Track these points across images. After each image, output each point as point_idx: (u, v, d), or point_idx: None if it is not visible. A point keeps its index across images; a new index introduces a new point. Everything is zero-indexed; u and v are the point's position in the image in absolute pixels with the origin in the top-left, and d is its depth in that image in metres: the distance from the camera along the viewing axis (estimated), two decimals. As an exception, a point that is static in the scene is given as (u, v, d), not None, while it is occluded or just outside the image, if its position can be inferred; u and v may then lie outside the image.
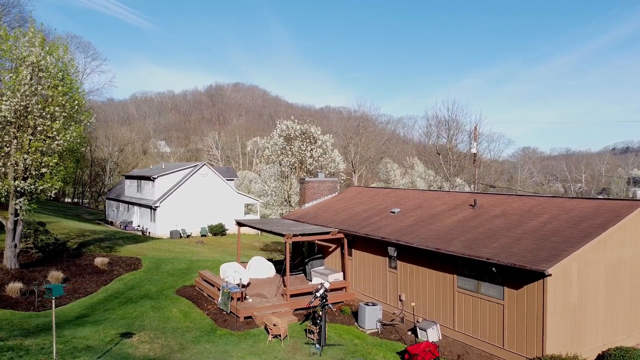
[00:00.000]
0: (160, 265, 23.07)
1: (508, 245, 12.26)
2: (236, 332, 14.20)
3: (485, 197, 16.48)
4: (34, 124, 16.72)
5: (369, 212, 18.54)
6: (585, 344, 11.97)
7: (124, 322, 14.91)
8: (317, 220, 19.36)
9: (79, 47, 74.11)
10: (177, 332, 14.30)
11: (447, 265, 13.52)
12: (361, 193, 22.14)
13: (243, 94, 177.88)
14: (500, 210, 14.89)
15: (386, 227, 16.24)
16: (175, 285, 19.91)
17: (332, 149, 29.30)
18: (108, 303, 16.89)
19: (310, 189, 22.32)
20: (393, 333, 14.33)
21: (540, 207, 14.29)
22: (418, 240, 14.18)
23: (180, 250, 28.98)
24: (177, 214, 40.62)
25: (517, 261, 11.18)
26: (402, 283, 15.23)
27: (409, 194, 19.85)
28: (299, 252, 21.48)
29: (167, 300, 17.60)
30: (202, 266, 23.14)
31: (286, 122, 28.38)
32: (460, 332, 13.16)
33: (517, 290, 11.64)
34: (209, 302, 17.32)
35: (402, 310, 15.18)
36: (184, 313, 16.16)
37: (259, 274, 19.64)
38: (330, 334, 14.00)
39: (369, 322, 14.48)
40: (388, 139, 66.80)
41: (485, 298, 12.43)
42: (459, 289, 13.17)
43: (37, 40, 17.46)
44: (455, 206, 16.38)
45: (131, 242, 28.58)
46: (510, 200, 15.53)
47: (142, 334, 13.86)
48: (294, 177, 28.36)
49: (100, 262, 20.93)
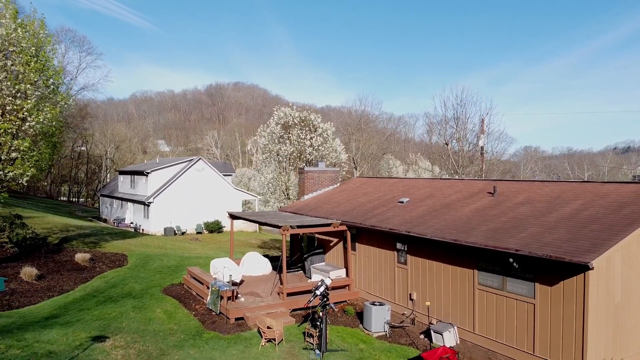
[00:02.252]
0: (148, 262, 21.37)
1: (539, 234, 10.54)
2: (225, 336, 12.50)
3: (505, 184, 14.77)
4: (2, 103, 15.02)
5: (374, 203, 16.83)
6: (629, 347, 10.29)
7: (99, 324, 13.21)
8: (317, 213, 17.66)
9: (73, 41, 72.66)
10: (158, 335, 12.60)
11: (466, 258, 11.82)
12: (365, 184, 20.43)
13: (243, 93, 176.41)
14: (524, 197, 13.18)
15: (394, 217, 14.54)
16: (162, 283, 18.22)
17: (333, 137, 27.58)
18: (84, 302, 15.19)
19: (309, 179, 20.62)
20: (403, 336, 12.62)
21: (570, 193, 12.58)
22: (432, 231, 12.47)
23: (172, 246, 27.28)
24: (171, 210, 38.91)
25: (553, 252, 9.47)
26: (413, 280, 13.52)
27: (418, 183, 18.14)
28: (298, 248, 19.78)
29: (152, 300, 15.91)
30: (193, 263, 21.46)
31: (284, 109, 26.61)
32: (482, 336, 11.45)
33: (552, 286, 9.92)
34: (198, 301, 15.63)
35: (412, 311, 13.47)
36: (168, 314, 14.46)
37: (254, 270, 17.95)
38: (331, 338, 12.30)
39: (375, 324, 12.77)
40: (391, 134, 65.10)
41: (512, 296, 10.72)
42: (480, 285, 11.46)
43: (9, 12, 15.79)
44: (472, 194, 14.67)
45: (119, 238, 26.83)
46: (535, 187, 13.81)
47: (117, 337, 12.16)
48: (292, 168, 26.61)
49: (81, 258, 19.23)
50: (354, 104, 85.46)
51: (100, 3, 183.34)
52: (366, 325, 13.01)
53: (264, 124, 27.56)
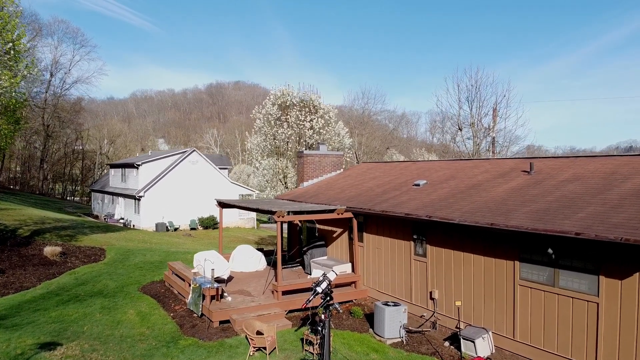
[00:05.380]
0: (129, 257, 19.07)
1: (602, 214, 8.23)
2: (206, 343, 10.21)
3: (541, 161, 12.44)
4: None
5: (384, 187, 14.53)
6: None
7: (54, 328, 10.93)
8: (318, 200, 15.35)
9: (67, 32, 70.52)
10: (124, 342, 10.30)
11: (503, 247, 9.51)
12: (372, 169, 18.12)
13: (244, 92, 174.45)
14: (570, 174, 10.86)
15: (410, 201, 12.22)
16: (142, 280, 15.94)
17: (336, 120, 25.19)
18: (43, 302, 12.91)
19: (309, 164, 18.31)
20: (423, 344, 10.31)
21: (628, 168, 10.26)
22: (459, 214, 10.15)
23: (158, 241, 24.96)
24: (163, 205, 36.62)
25: (630, 235, 7.15)
26: (434, 275, 11.22)
27: (434, 165, 15.82)
28: (296, 240, 17.48)
29: (126, 299, 13.62)
30: (180, 259, 19.15)
31: (281, 88, 24.17)
32: (525, 344, 9.14)
33: (623, 280, 7.62)
34: (179, 301, 13.35)
35: (433, 312, 11.15)
36: (142, 315, 12.17)
37: (246, 266, 15.66)
38: (336, 346, 10.00)
39: (389, 329, 10.47)
40: (394, 128, 62.78)
41: (566, 293, 8.41)
42: (523, 281, 9.15)
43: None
44: (502, 174, 12.35)
45: (100, 232, 24.48)
46: (580, 163, 11.49)
47: (72, 344, 9.87)
48: (291, 153, 24.16)
49: (50, 252, 16.94)
50: (356, 97, 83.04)
51: (101, 4, 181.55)
52: (378, 329, 10.71)
53: (258, 105, 25.19)
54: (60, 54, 65.68)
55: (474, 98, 27.28)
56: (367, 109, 58.45)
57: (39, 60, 58.81)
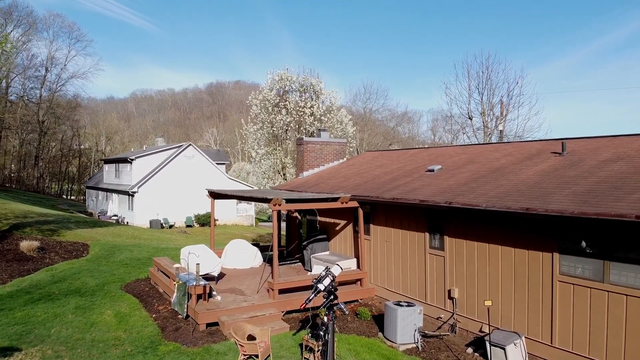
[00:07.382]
0: (114, 252, 17.63)
1: (665, 195, 6.78)
2: (189, 349, 8.77)
3: (574, 141, 10.98)
4: None
5: (393, 174, 13.09)
6: None
7: (17, 330, 9.50)
8: (319, 189, 13.92)
9: (62, 27, 69.25)
10: (95, 347, 8.87)
11: (538, 237, 8.06)
12: (378, 157, 16.68)
13: (244, 91, 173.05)
14: (611, 153, 9.41)
15: (424, 187, 10.78)
16: (126, 278, 14.53)
17: (338, 107, 23.73)
18: (10, 300, 11.48)
19: (310, 152, 16.87)
20: (442, 350, 8.86)
21: (682, 146, 8.82)
22: (486, 199, 8.70)
23: (148, 237, 23.51)
24: (158, 201, 35.18)
25: None
26: (454, 271, 9.77)
27: (448, 150, 14.37)
28: (296, 235, 16.05)
29: (105, 299, 12.19)
30: (169, 255, 17.72)
31: (279, 72, 22.65)
32: (566, 351, 7.68)
33: (697, 275, 6.17)
34: (163, 300, 11.93)
35: (453, 314, 9.71)
36: (120, 317, 10.73)
37: (240, 262, 14.25)
38: (340, 353, 8.56)
39: (402, 333, 9.03)
40: (397, 124, 61.34)
41: (618, 290, 6.96)
42: (564, 276, 7.70)
43: None
44: (529, 156, 10.91)
45: (86, 227, 23.02)
46: (620, 141, 10.04)
47: (34, 349, 8.47)
48: (290, 142, 22.65)
49: (27, 247, 15.51)
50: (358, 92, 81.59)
51: (101, 4, 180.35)
52: (389, 334, 9.27)
53: (255, 91, 23.68)
54: (56, 49, 64.40)
55: (485, 86, 25.80)
56: (369, 106, 56.98)
57: (34, 56, 57.51)
